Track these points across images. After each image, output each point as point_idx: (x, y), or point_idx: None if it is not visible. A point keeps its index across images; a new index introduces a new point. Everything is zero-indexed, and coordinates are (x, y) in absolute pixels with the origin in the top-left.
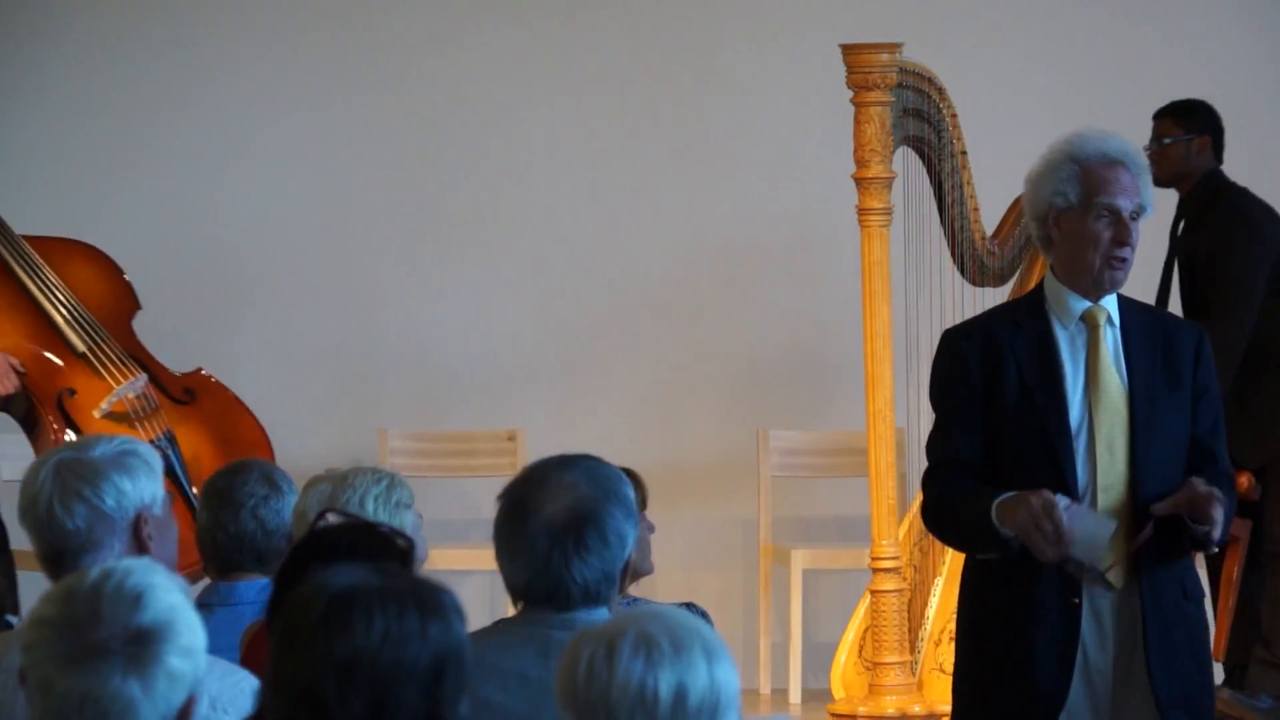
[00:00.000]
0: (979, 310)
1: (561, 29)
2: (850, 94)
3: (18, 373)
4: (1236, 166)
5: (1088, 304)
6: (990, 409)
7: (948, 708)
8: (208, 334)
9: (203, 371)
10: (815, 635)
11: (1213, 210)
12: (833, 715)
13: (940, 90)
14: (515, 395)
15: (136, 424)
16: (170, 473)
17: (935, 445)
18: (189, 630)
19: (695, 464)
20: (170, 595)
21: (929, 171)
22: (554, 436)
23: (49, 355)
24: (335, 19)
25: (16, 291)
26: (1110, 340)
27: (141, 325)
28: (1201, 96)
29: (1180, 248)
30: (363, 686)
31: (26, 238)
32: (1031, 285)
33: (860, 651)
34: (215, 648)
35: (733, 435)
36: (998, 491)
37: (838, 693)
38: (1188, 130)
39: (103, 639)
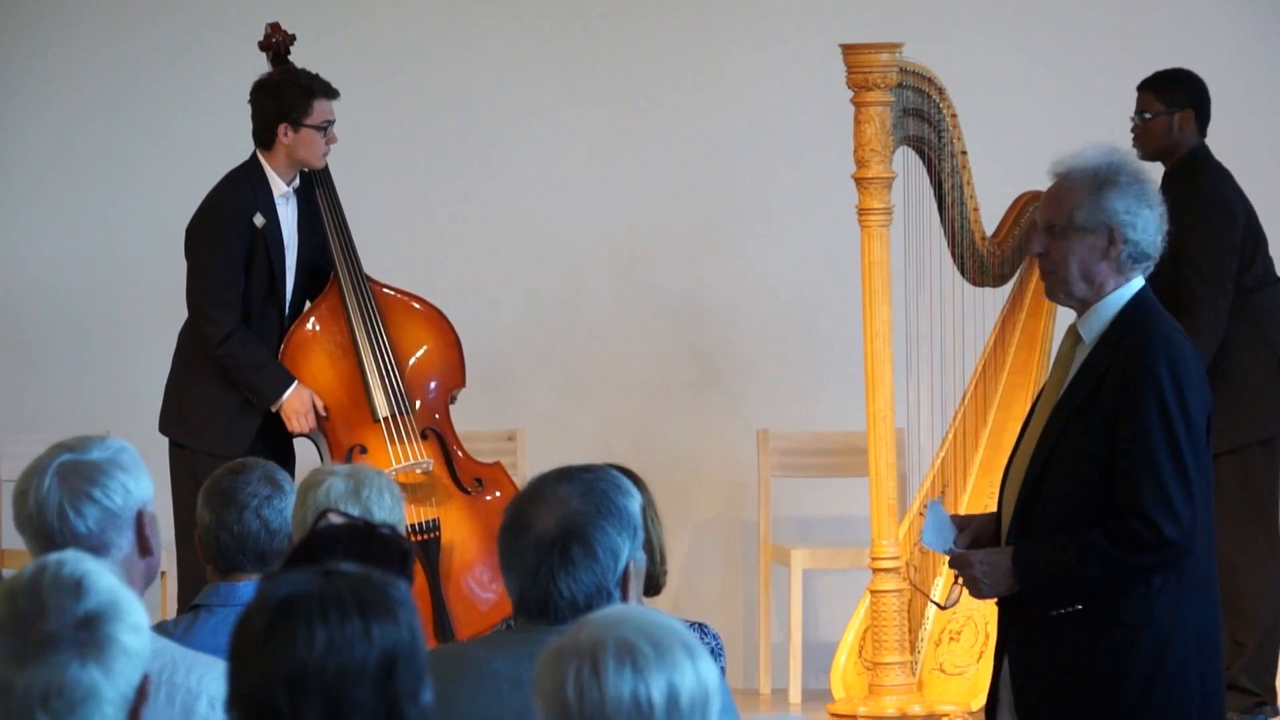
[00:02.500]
0: (979, 310)
1: (561, 30)
2: (850, 94)
3: (319, 416)
4: (1234, 164)
5: (1073, 321)
6: None
7: (948, 708)
8: None
9: (503, 466)
10: (815, 635)
11: (1190, 191)
12: (833, 715)
13: (940, 90)
14: (515, 395)
15: (410, 500)
16: (422, 555)
17: None
18: (133, 608)
19: (695, 464)
20: (107, 577)
21: (929, 171)
22: (554, 436)
23: (351, 408)
24: (333, 19)
25: (347, 338)
26: (1078, 359)
27: (143, 323)
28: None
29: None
30: (314, 697)
31: (380, 285)
32: (1032, 286)
33: (860, 652)
34: (216, 648)
35: (733, 435)
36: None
37: (838, 693)
38: (1169, 104)
39: (53, 629)
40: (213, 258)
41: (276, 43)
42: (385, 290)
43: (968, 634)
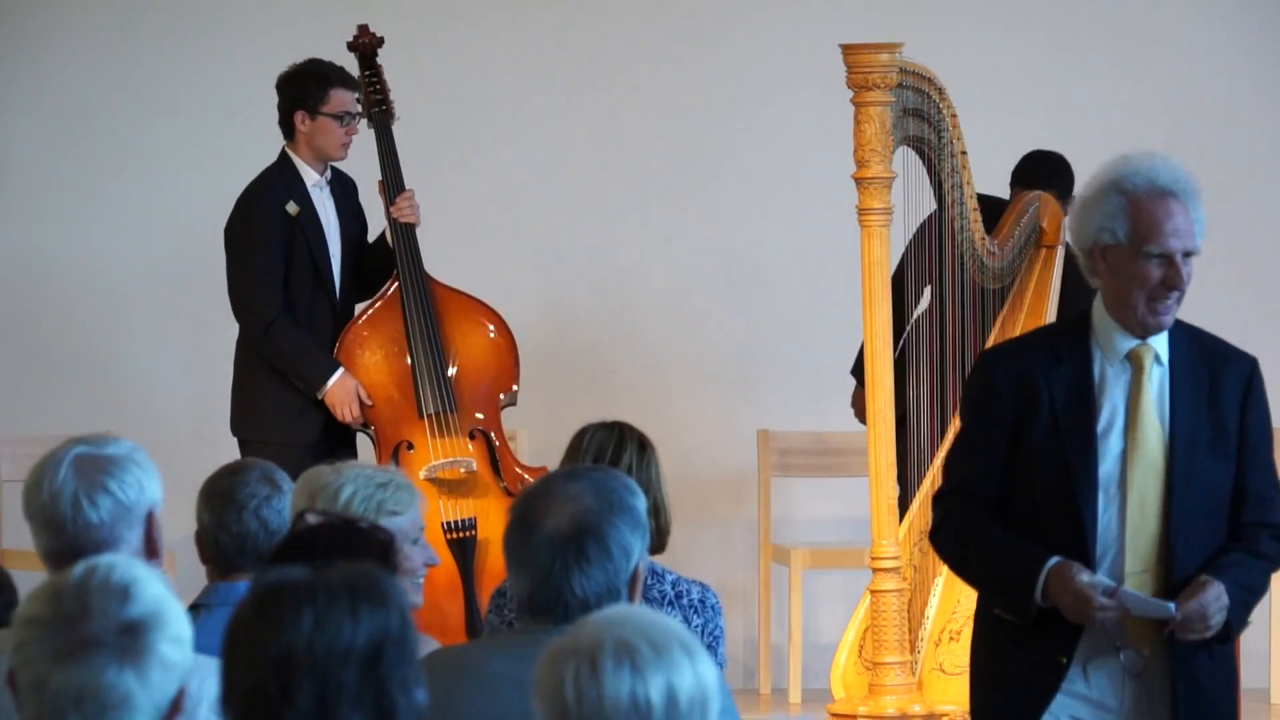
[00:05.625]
0: (978, 310)
1: (560, 31)
2: (850, 94)
3: (364, 405)
4: (1233, 166)
5: (1135, 342)
6: (1017, 446)
7: (948, 708)
8: (200, 333)
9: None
10: (815, 635)
11: None
12: (833, 715)
13: (940, 90)
14: (517, 396)
15: (450, 497)
16: (458, 553)
17: (953, 469)
18: (177, 620)
19: (695, 464)
20: (156, 586)
21: (929, 171)
22: (554, 437)
23: (401, 404)
24: (326, 15)
25: (400, 332)
26: (1155, 381)
27: (143, 325)
28: (1198, 96)
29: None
30: (304, 678)
31: (439, 285)
32: (1032, 286)
33: (860, 652)
34: (214, 648)
35: (733, 435)
36: (1043, 553)
37: (837, 693)
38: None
39: (94, 632)
40: (249, 249)
41: (365, 44)
42: (445, 288)
43: (968, 634)
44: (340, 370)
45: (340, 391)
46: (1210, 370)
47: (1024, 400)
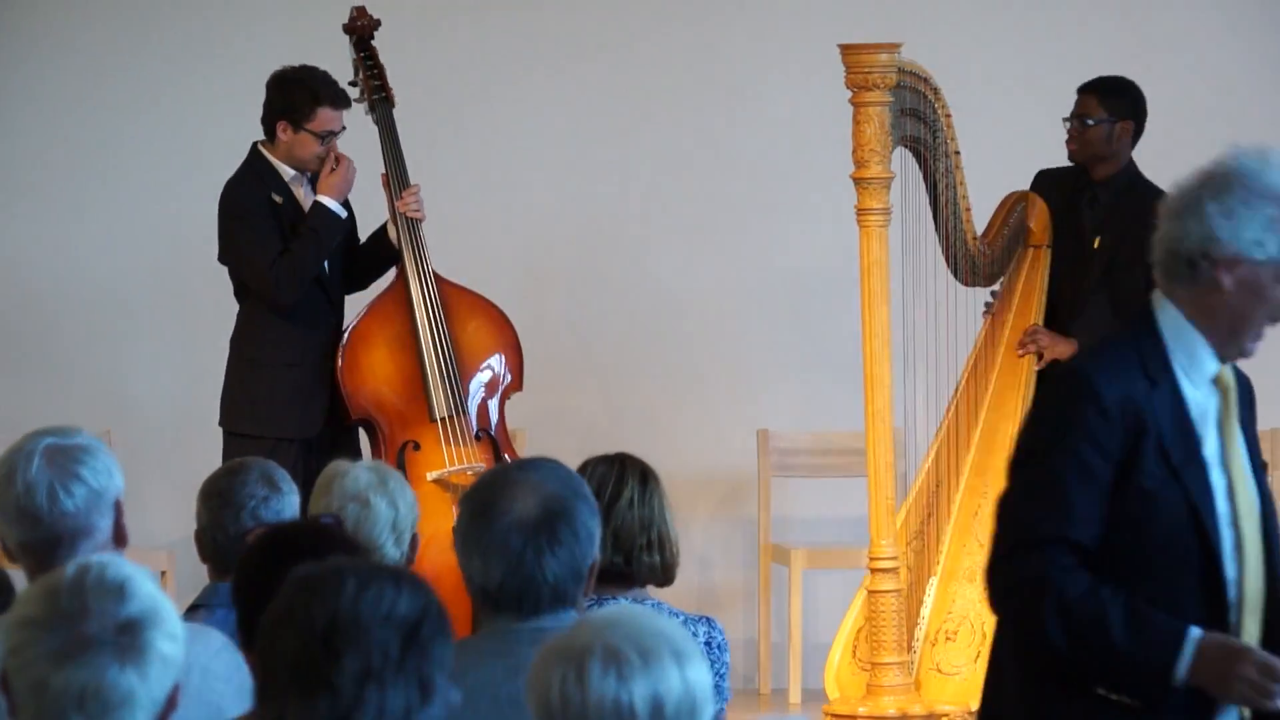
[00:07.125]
0: (975, 310)
1: (559, 28)
2: (850, 94)
3: (369, 401)
4: None
5: (1218, 365)
6: (1123, 486)
7: (947, 708)
8: (194, 332)
9: None
10: (815, 635)
11: (1137, 206)
12: (829, 716)
13: (935, 90)
14: (515, 395)
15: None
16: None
17: (1039, 512)
18: (171, 616)
19: (695, 464)
20: (148, 584)
21: (924, 171)
22: (553, 437)
23: (409, 404)
24: (325, 12)
25: (408, 331)
26: (1236, 410)
27: (139, 324)
28: (1200, 98)
29: (1100, 234)
30: (350, 638)
31: (445, 282)
32: (1019, 286)
33: (854, 651)
34: (214, 649)
35: (733, 435)
36: (1179, 622)
37: (832, 692)
38: (1112, 113)
39: (94, 631)
40: (239, 227)
41: (361, 26)
42: (451, 285)
43: (964, 634)
44: (313, 199)
45: (329, 190)
46: (1247, 387)
47: (1135, 430)
